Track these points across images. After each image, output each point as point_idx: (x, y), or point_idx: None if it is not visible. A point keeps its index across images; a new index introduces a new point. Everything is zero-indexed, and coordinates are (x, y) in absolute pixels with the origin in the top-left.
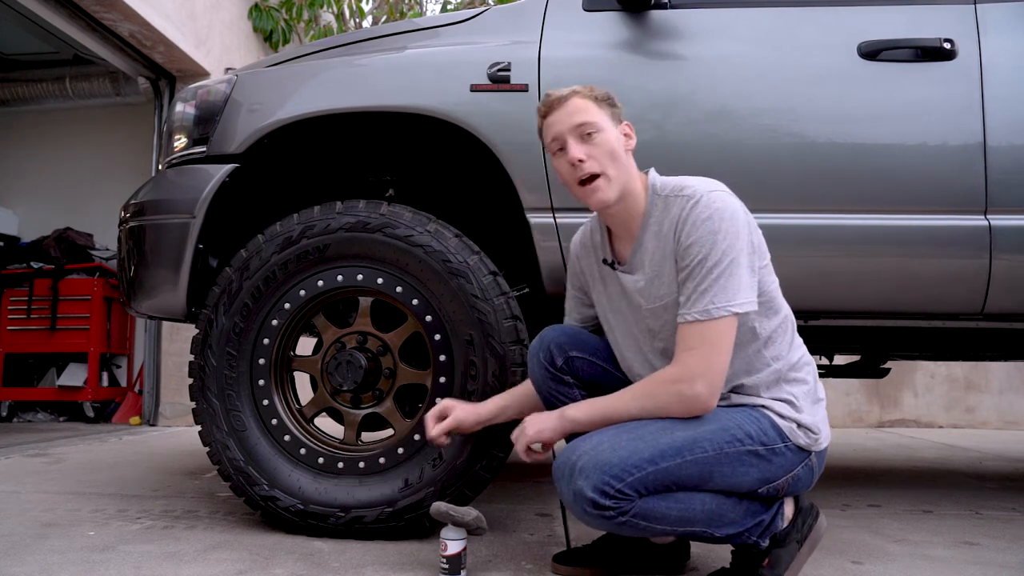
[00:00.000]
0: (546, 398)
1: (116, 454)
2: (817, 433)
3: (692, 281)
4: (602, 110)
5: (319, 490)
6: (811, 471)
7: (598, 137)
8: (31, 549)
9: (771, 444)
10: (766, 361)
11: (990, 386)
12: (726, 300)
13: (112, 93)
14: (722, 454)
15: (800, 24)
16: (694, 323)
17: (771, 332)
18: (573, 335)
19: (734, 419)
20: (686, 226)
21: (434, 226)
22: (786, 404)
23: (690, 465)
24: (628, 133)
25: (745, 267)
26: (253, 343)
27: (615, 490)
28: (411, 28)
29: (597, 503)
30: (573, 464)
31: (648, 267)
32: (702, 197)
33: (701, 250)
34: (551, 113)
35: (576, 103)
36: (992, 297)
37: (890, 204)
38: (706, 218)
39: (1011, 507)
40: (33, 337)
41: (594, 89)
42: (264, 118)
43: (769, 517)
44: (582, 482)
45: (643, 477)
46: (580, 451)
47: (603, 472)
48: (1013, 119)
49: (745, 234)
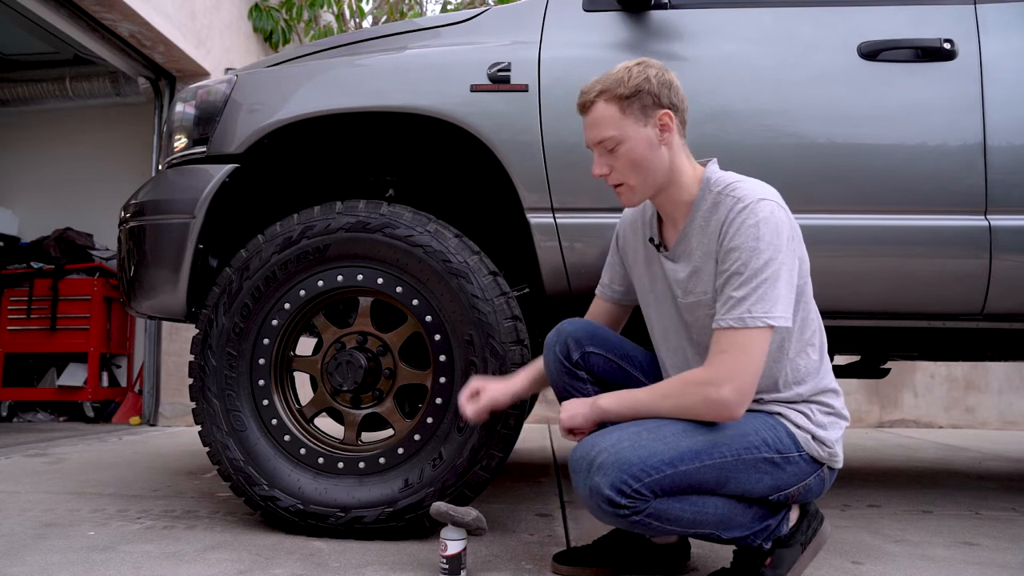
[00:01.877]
0: (559, 391)
1: (116, 454)
2: (831, 448)
3: (730, 287)
4: (627, 115)
5: (319, 490)
6: (822, 482)
7: (620, 149)
8: (31, 549)
9: (786, 452)
10: (792, 380)
11: (990, 386)
12: (763, 311)
13: (112, 93)
14: (739, 460)
15: (800, 24)
16: (728, 329)
17: (800, 349)
18: (591, 330)
19: (751, 425)
20: (731, 229)
21: (434, 226)
22: (802, 415)
23: (708, 470)
24: (666, 124)
25: (784, 281)
26: (253, 343)
27: (632, 489)
28: (411, 28)
29: (613, 501)
30: (592, 460)
31: (690, 260)
32: (751, 203)
33: (741, 256)
34: (583, 115)
35: (598, 112)
36: (992, 297)
37: (890, 204)
38: (752, 225)
39: (1011, 507)
40: (33, 337)
41: (624, 80)
42: (264, 118)
43: (775, 522)
44: (600, 479)
45: (661, 479)
46: (600, 447)
47: (621, 471)
48: (1013, 119)
49: (786, 248)
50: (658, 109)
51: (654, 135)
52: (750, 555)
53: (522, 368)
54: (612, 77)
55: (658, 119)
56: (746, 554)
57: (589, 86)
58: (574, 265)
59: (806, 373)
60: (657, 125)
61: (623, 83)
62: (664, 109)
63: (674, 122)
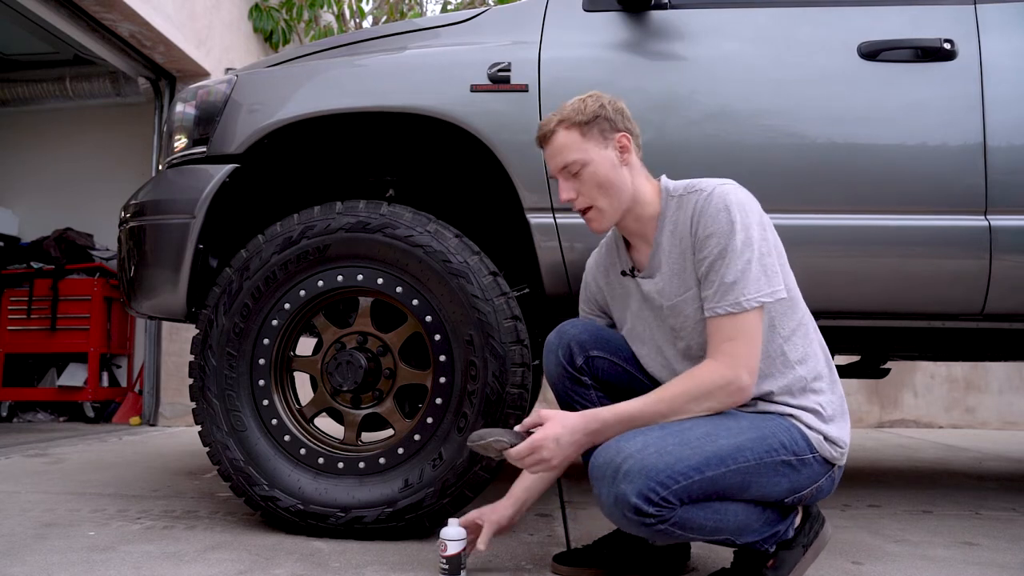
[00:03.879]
0: (560, 396)
1: (116, 454)
2: (843, 447)
3: (716, 273)
4: (588, 139)
5: (319, 490)
6: (832, 482)
7: (585, 172)
8: (31, 549)
9: (801, 454)
10: (790, 363)
11: (990, 386)
12: (756, 290)
13: (112, 93)
14: (761, 463)
15: (800, 24)
16: (726, 316)
17: (792, 330)
18: (595, 332)
19: (769, 427)
20: (703, 218)
21: (434, 226)
22: (812, 415)
23: (733, 475)
24: (625, 146)
25: (767, 255)
26: (253, 343)
27: (660, 497)
28: (411, 28)
29: (640, 510)
30: (618, 467)
31: (666, 266)
32: (715, 189)
33: (720, 241)
34: (543, 147)
35: (559, 140)
36: (992, 297)
37: (890, 204)
38: (722, 208)
39: (1011, 507)
40: (33, 337)
41: (580, 109)
42: (264, 118)
43: (785, 527)
44: (626, 486)
45: (689, 485)
46: (625, 453)
47: (649, 478)
48: (1013, 119)
49: (759, 224)
50: (615, 132)
51: (615, 156)
52: (751, 557)
53: (515, 487)
54: (568, 108)
55: (617, 141)
56: (747, 555)
57: (545, 121)
58: (574, 265)
59: (803, 352)
60: (617, 147)
61: (580, 111)
62: (621, 132)
63: (631, 143)
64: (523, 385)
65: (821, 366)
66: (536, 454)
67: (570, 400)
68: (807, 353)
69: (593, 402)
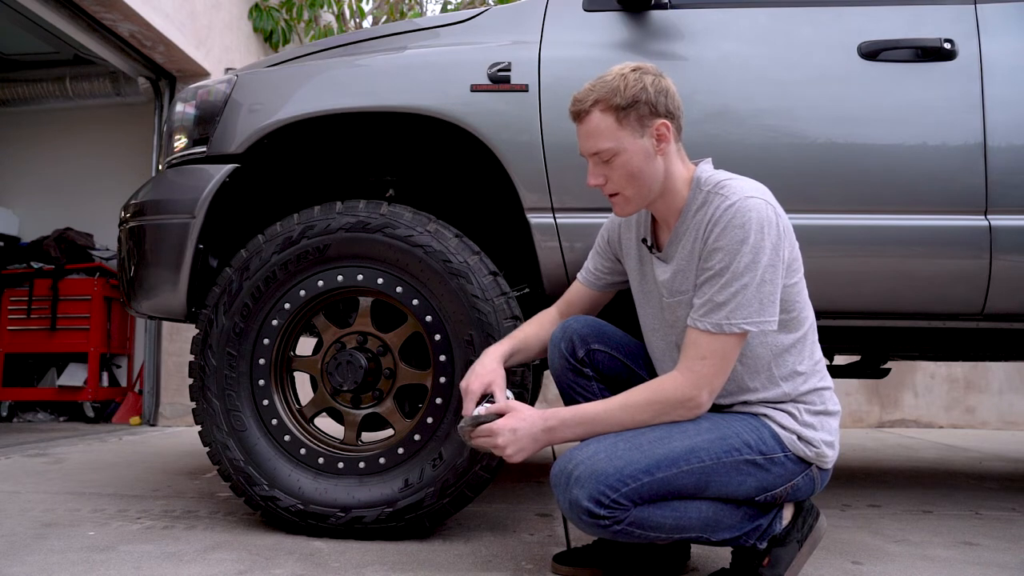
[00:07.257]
0: (563, 388)
1: (116, 454)
2: (819, 448)
3: (710, 288)
4: (623, 126)
5: (319, 490)
6: (812, 481)
7: (616, 161)
8: (31, 549)
9: (770, 454)
10: (775, 379)
11: (990, 386)
12: (742, 317)
13: (112, 93)
14: (719, 463)
15: (800, 24)
16: (705, 332)
17: (785, 347)
18: (596, 327)
19: (732, 427)
20: (716, 228)
21: (434, 226)
22: (788, 416)
23: (686, 475)
24: (662, 134)
25: (768, 283)
26: (253, 343)
27: (610, 500)
28: (411, 28)
29: (592, 512)
30: (569, 473)
31: (678, 258)
32: (737, 201)
33: (725, 258)
34: (576, 123)
35: (593, 122)
36: (992, 297)
37: (890, 204)
38: (738, 225)
39: (1011, 507)
40: (33, 337)
41: (620, 89)
42: (264, 118)
43: (767, 522)
44: (577, 491)
45: (638, 487)
46: (576, 460)
47: (598, 482)
48: (1013, 119)
49: (771, 250)
50: (655, 119)
51: (651, 145)
52: (748, 555)
53: (502, 342)
54: (607, 85)
55: (655, 129)
56: (744, 554)
57: (583, 93)
58: (574, 265)
59: (793, 372)
60: (654, 135)
61: (619, 92)
62: (661, 119)
63: (671, 131)
64: (523, 385)
65: (811, 379)
66: (491, 438)
67: (572, 392)
68: (795, 370)
69: (595, 394)
